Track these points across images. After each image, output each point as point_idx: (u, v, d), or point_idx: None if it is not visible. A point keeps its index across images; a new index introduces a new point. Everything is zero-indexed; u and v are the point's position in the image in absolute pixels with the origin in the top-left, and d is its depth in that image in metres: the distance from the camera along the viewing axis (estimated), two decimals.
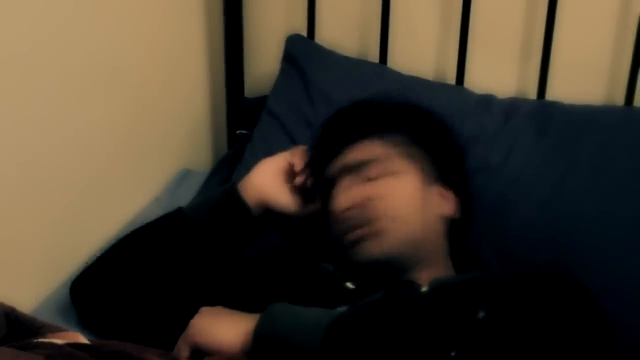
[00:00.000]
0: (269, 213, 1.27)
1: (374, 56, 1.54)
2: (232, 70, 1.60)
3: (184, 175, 1.58)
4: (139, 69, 1.43)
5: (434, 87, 1.47)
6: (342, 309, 1.04)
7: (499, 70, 1.49)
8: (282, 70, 1.54)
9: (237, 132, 1.61)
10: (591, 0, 1.40)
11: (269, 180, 1.25)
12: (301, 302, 1.05)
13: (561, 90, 1.44)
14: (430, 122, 1.29)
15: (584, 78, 1.44)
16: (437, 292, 1.05)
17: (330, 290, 1.17)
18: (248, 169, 1.32)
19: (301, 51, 1.54)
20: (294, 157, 1.29)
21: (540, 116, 1.38)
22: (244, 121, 1.61)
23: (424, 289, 1.07)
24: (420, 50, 1.52)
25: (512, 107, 1.41)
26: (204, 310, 1.07)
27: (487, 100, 1.42)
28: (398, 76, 1.48)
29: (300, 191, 1.27)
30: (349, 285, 1.18)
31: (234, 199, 1.23)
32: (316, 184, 1.26)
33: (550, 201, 1.30)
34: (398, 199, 1.17)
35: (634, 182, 1.28)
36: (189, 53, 1.60)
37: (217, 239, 1.23)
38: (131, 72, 1.41)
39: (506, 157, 1.34)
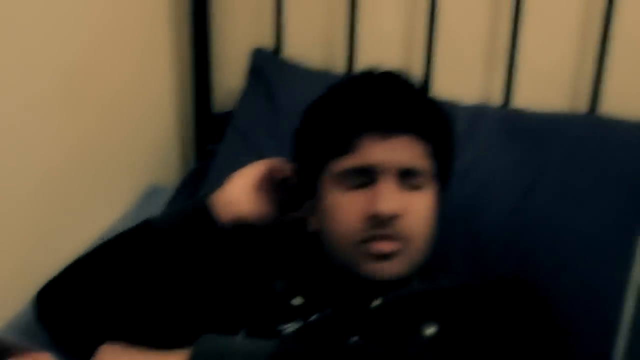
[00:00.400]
0: (241, 225, 1.22)
1: (341, 68, 1.54)
2: (200, 85, 1.60)
3: (153, 192, 1.56)
4: (105, 84, 1.42)
5: None
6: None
7: (464, 80, 1.50)
8: (247, 85, 1.55)
9: (208, 147, 1.61)
10: (554, 8, 1.42)
11: (246, 195, 1.17)
12: (247, 323, 1.03)
13: (525, 99, 1.45)
14: (446, 126, 1.18)
15: (547, 87, 1.45)
16: (387, 307, 1.02)
17: (277, 308, 1.13)
18: (212, 184, 1.29)
19: (266, 65, 1.54)
20: (275, 164, 1.21)
21: (507, 123, 1.39)
22: (212, 136, 1.60)
23: (376, 303, 1.05)
24: (386, 61, 1.52)
25: (478, 113, 1.42)
26: (107, 349, 0.97)
27: (452, 107, 1.41)
28: None
29: (281, 200, 1.21)
30: (296, 301, 1.13)
31: (205, 215, 1.17)
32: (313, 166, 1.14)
33: (518, 207, 1.31)
34: (426, 217, 1.10)
35: (600, 189, 1.30)
36: (156, 68, 1.59)
37: (184, 253, 1.17)
38: (98, 87, 1.40)
39: (473, 163, 1.35)
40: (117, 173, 1.49)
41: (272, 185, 1.19)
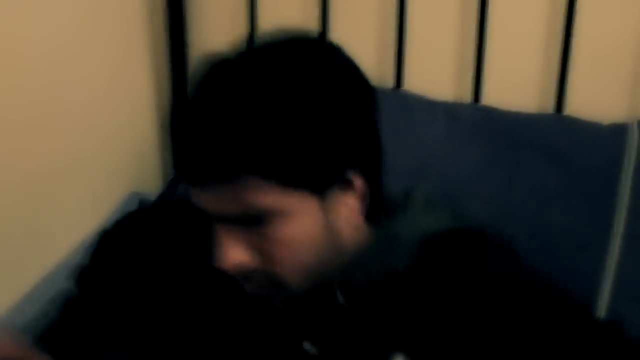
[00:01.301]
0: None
1: None
2: (179, 92, 1.62)
3: (133, 199, 1.56)
4: (85, 91, 1.44)
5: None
6: None
7: (435, 81, 1.53)
8: None
9: None
10: (520, 14, 1.47)
11: None
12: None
13: (494, 101, 1.49)
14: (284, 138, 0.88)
15: (515, 88, 1.49)
16: (356, 306, 0.93)
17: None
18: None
19: None
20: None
21: (482, 121, 1.43)
22: None
23: (340, 299, 0.95)
24: (360, 63, 1.56)
25: (452, 111, 1.45)
26: None
27: (429, 104, 1.46)
28: None
29: None
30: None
31: None
32: None
33: (497, 200, 1.35)
34: (299, 244, 0.91)
35: (572, 187, 1.34)
36: (135, 75, 1.61)
37: None
38: (77, 94, 1.41)
39: (450, 159, 1.39)
40: (98, 181, 1.50)
41: None
